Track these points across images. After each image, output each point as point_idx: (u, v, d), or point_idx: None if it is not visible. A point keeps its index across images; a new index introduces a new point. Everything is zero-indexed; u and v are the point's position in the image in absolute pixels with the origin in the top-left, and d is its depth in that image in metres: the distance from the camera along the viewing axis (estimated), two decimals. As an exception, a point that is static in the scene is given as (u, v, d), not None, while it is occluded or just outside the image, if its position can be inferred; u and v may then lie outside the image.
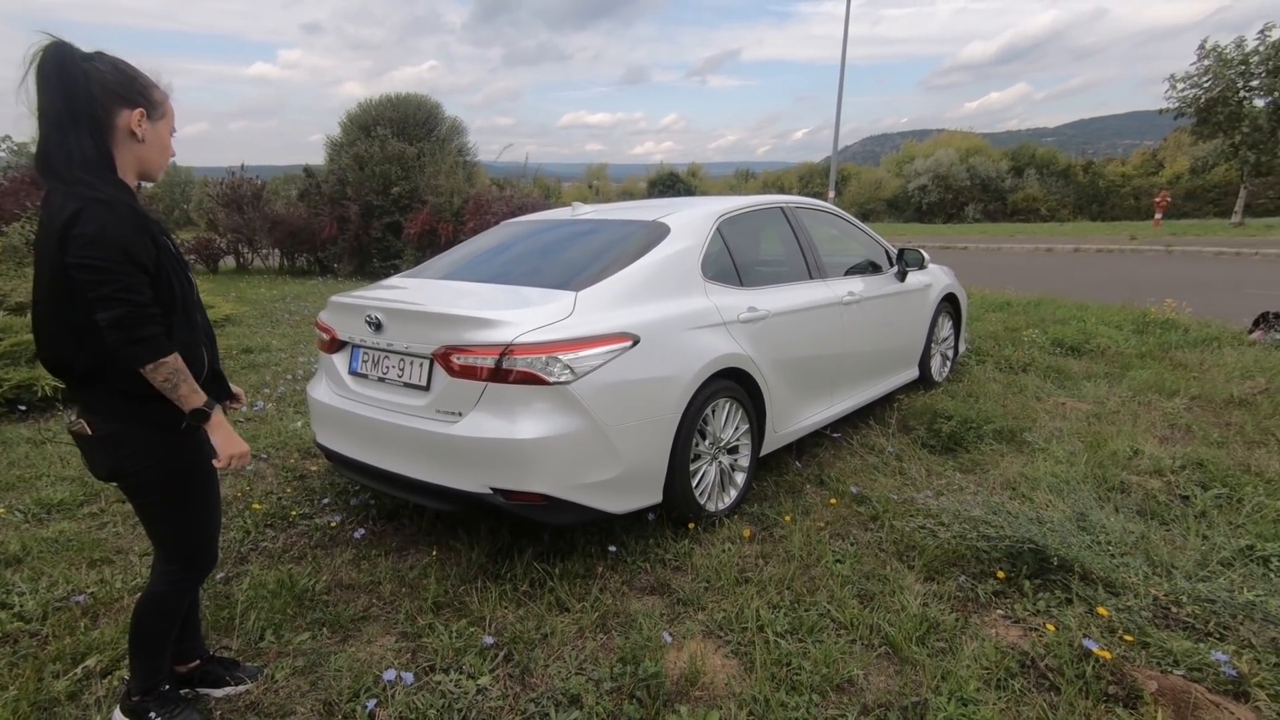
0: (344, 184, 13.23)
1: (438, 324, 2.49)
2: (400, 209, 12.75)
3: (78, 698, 1.86)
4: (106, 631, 2.12)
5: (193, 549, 1.70)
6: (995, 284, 9.79)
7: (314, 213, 13.55)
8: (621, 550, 2.68)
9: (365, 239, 13.01)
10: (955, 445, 3.73)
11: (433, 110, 17.37)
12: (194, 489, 1.66)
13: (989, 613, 2.32)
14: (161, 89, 1.58)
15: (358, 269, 13.13)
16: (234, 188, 13.82)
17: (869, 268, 4.27)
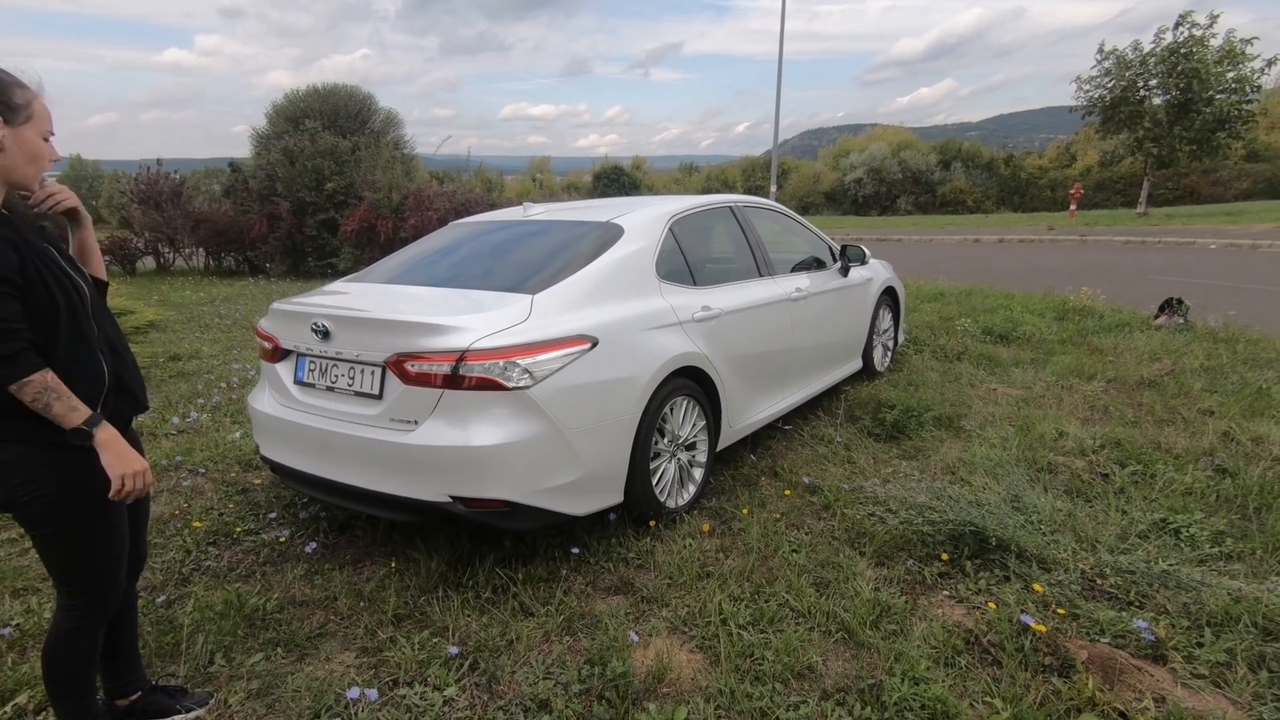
0: (273, 180, 12.63)
1: (389, 330, 2.44)
2: (335, 205, 12.28)
3: (11, 742, 1.75)
4: (36, 665, 1.98)
5: (97, 580, 1.57)
6: (929, 274, 10.23)
7: (241, 210, 12.89)
8: (584, 551, 2.69)
9: (299, 237, 12.47)
10: (899, 433, 3.90)
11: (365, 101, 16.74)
12: (95, 515, 1.52)
13: (935, 594, 2.45)
14: (26, 88, 1.42)
15: (291, 268, 12.58)
16: (151, 183, 12.99)
17: (814, 264, 4.40)
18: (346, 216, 11.85)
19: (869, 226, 26.44)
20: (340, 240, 11.83)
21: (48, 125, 1.46)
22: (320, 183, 12.27)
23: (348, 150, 12.59)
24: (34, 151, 1.45)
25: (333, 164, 12.32)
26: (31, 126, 1.43)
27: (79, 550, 1.53)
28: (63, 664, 1.59)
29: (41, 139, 1.46)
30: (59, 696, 1.62)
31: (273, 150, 13.21)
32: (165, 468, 3.57)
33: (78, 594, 1.57)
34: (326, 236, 12.27)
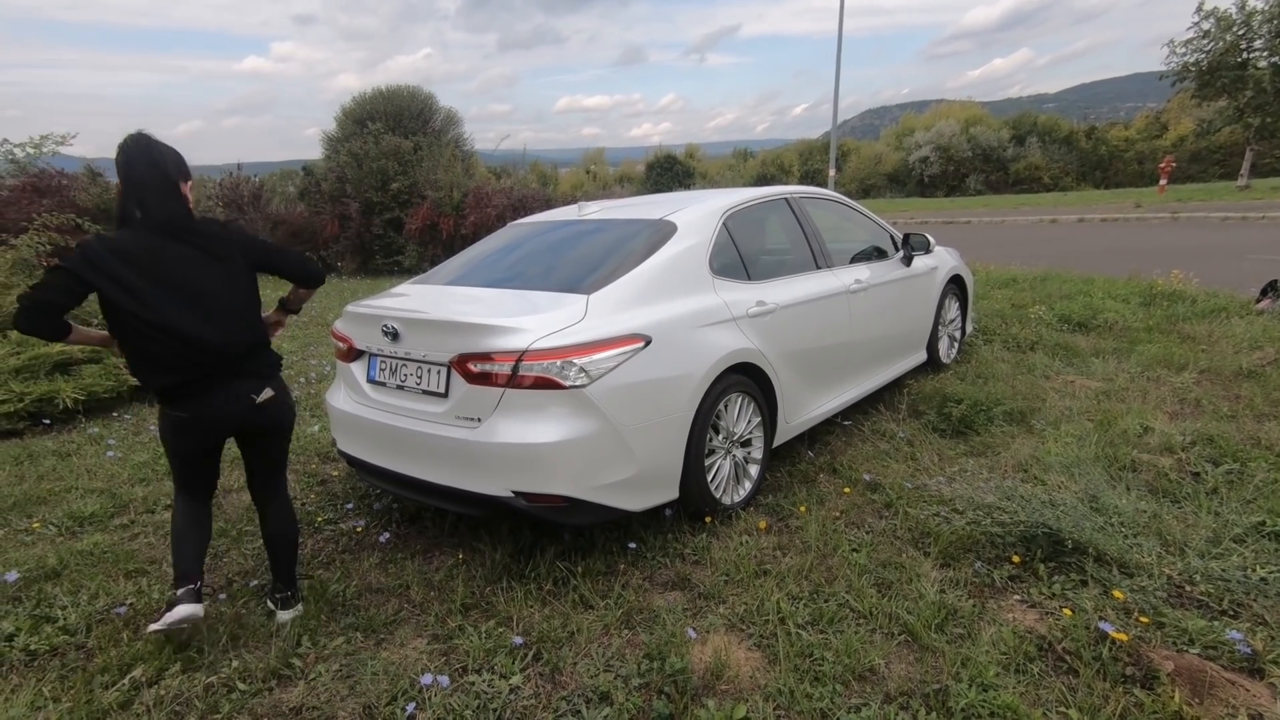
0: (343, 181, 13.20)
1: (453, 332, 2.53)
2: (400, 205, 12.73)
3: (128, 707, 1.93)
4: (149, 643, 2.18)
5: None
6: (1000, 259, 9.76)
7: (315, 211, 13.55)
8: (641, 546, 2.73)
9: (367, 236, 13.01)
10: (966, 428, 3.76)
11: (426, 101, 17.27)
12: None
13: (1005, 598, 2.36)
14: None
15: (360, 266, 13.15)
16: (233, 188, 13.80)
17: (874, 254, 4.28)
18: (410, 215, 12.28)
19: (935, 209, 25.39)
20: (405, 238, 12.28)
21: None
22: (386, 183, 12.75)
23: (410, 150, 13.01)
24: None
25: (396, 164, 12.77)
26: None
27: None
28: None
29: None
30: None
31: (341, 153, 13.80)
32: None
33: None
34: (392, 235, 12.75)
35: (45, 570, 2.63)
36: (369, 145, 12.97)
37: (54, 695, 1.96)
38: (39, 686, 1.99)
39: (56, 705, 1.91)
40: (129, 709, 1.92)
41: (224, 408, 2.11)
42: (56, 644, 2.19)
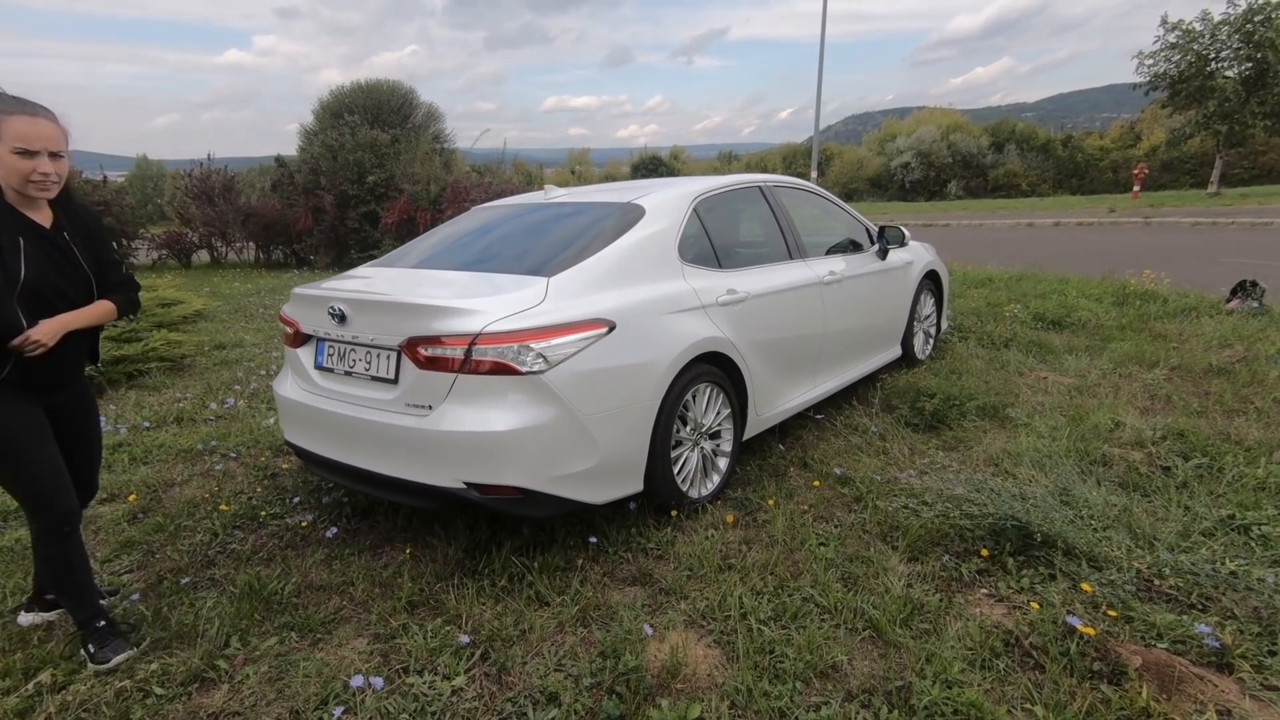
0: (317, 174, 12.94)
1: (403, 314, 2.40)
2: (376, 198, 12.51)
3: (28, 715, 1.78)
4: (61, 644, 2.03)
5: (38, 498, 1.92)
6: (977, 260, 9.80)
7: (288, 204, 13.27)
8: (603, 541, 2.62)
9: (342, 229, 12.76)
10: (938, 423, 3.71)
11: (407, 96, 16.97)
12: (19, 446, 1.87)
13: (973, 592, 2.30)
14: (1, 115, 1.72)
15: (335, 260, 12.89)
16: (204, 180, 13.47)
17: (850, 246, 4.22)
18: (387, 209, 12.06)
19: (915, 212, 25.61)
20: (381, 232, 12.05)
21: (18, 144, 1.74)
22: (361, 176, 12.51)
23: (387, 143, 12.79)
24: (7, 165, 1.75)
25: (373, 157, 12.54)
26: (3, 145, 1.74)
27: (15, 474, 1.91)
28: (47, 571, 2.00)
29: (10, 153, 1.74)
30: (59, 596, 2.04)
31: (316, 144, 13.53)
32: (200, 452, 3.66)
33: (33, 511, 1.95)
34: (368, 228, 12.52)
35: (-42, 567, 2.46)
36: (345, 137, 12.73)
37: (-52, 701, 1.80)
38: (-66, 692, 1.83)
39: (-50, 712, 1.76)
40: (28, 716, 1.77)
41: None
42: (-39, 645, 2.03)
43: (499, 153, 14.71)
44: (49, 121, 1.80)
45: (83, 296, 1.94)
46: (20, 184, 1.78)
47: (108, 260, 2.04)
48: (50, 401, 1.98)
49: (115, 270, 2.06)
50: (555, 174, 40.12)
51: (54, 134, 1.80)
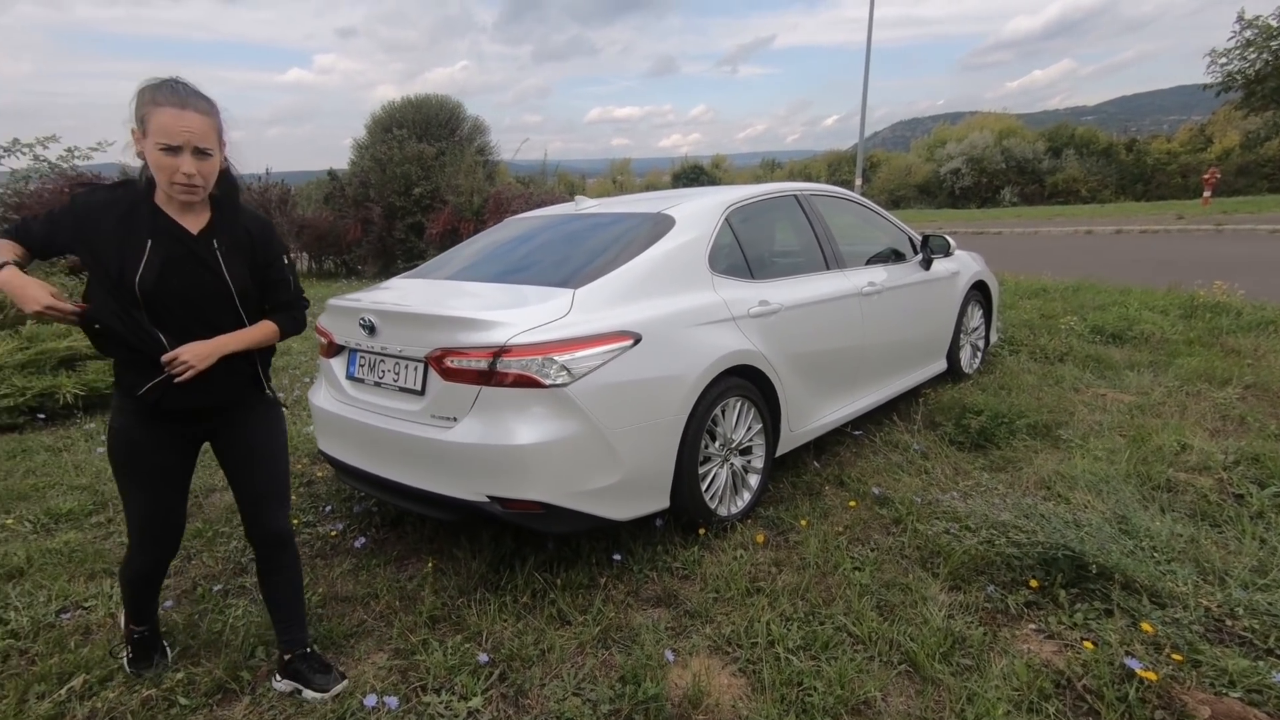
0: (367, 186, 13.34)
1: (430, 326, 2.41)
2: (422, 209, 12.81)
3: (58, 720, 1.82)
4: (96, 649, 2.08)
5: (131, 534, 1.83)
6: (1031, 269, 9.40)
7: (339, 215, 13.71)
8: (628, 559, 2.56)
9: (389, 240, 13.11)
10: (985, 442, 3.53)
11: (454, 110, 17.43)
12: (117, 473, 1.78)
13: (1020, 626, 2.15)
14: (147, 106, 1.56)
15: (382, 269, 13.23)
16: (262, 193, 14.05)
17: (891, 256, 4.07)
18: (432, 220, 12.34)
19: (966, 220, 24.85)
20: (426, 242, 12.33)
21: (161, 139, 1.54)
22: (408, 188, 12.84)
23: (433, 156, 13.10)
24: (154, 161, 1.58)
25: (419, 169, 12.86)
26: (148, 141, 1.57)
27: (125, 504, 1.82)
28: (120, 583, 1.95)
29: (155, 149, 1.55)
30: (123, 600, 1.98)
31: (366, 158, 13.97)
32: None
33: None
34: (414, 239, 12.82)
35: (9, 569, 2.55)
36: (393, 151, 13.10)
37: (-15, 703, 1.86)
38: (-27, 692, 1.89)
39: (-15, 714, 1.81)
40: (57, 723, 1.81)
41: None
42: (3, 647, 2.10)
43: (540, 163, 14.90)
44: (199, 114, 1.56)
45: (217, 311, 1.69)
46: (166, 184, 1.59)
47: (274, 278, 1.80)
48: (192, 431, 1.77)
49: (283, 289, 1.83)
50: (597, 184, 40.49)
51: (203, 129, 1.56)
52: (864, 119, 20.28)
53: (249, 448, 1.85)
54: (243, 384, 1.77)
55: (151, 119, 1.54)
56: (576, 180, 37.64)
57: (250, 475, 1.86)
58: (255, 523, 1.89)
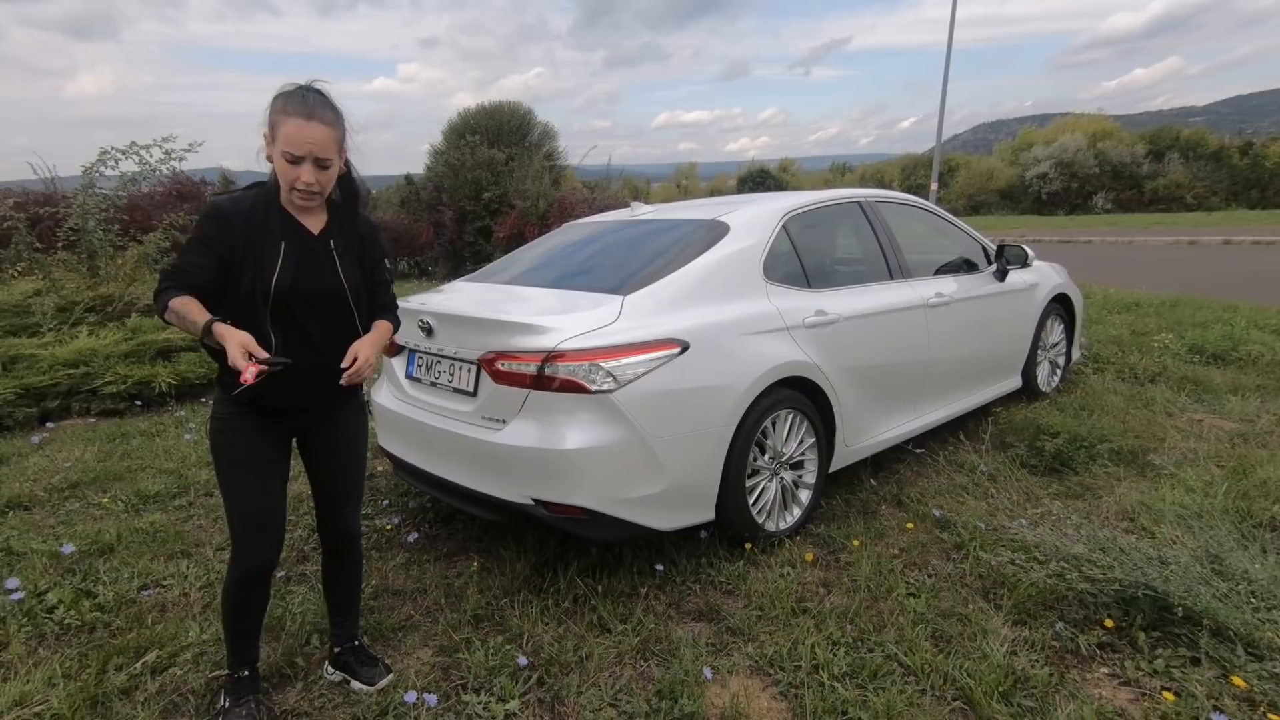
0: (440, 190, 13.85)
1: (483, 329, 2.46)
2: (491, 213, 13.18)
3: (130, 694, 1.94)
4: (170, 626, 2.22)
5: (232, 533, 1.77)
6: (1123, 281, 8.77)
7: (413, 219, 14.28)
8: (670, 569, 2.53)
9: (459, 243, 13.55)
10: (1061, 466, 3.30)
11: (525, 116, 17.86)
12: (224, 471, 1.75)
13: (1091, 669, 1.99)
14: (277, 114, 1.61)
15: (452, 272, 13.70)
16: (344, 197, 14.82)
17: (963, 266, 3.88)
18: (499, 224, 12.67)
19: (1051, 227, 23.49)
20: (493, 246, 12.67)
21: (288, 147, 1.60)
22: (478, 192, 13.25)
23: (502, 162, 13.47)
24: (280, 167, 1.63)
25: (489, 174, 13.25)
26: (275, 147, 1.62)
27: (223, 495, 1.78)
28: (221, 604, 1.83)
29: (280, 157, 1.62)
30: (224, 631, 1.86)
31: (440, 163, 14.51)
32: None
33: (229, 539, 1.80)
34: (482, 242, 13.20)
35: (101, 545, 2.76)
36: (465, 156, 13.55)
37: (68, 673, 2.00)
38: (60, 662, 2.04)
39: (68, 683, 1.95)
40: (130, 696, 1.93)
41: None
42: (89, 620, 2.26)
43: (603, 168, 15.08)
44: (323, 126, 1.61)
45: (337, 310, 1.75)
46: (287, 189, 1.67)
47: (380, 279, 1.86)
48: (288, 424, 1.80)
49: (386, 290, 1.89)
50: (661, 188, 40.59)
51: (325, 140, 1.61)
52: (941, 121, 19.48)
53: (335, 447, 1.88)
54: (335, 383, 1.76)
55: (280, 127, 1.60)
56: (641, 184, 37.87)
57: (332, 473, 1.89)
58: (331, 521, 1.93)
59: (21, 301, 5.57)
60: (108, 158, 6.58)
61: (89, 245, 6.45)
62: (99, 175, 6.85)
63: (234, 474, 1.74)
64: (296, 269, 1.67)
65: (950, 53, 18.53)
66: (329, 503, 1.92)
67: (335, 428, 1.87)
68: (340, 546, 1.97)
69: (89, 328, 5.27)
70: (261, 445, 1.74)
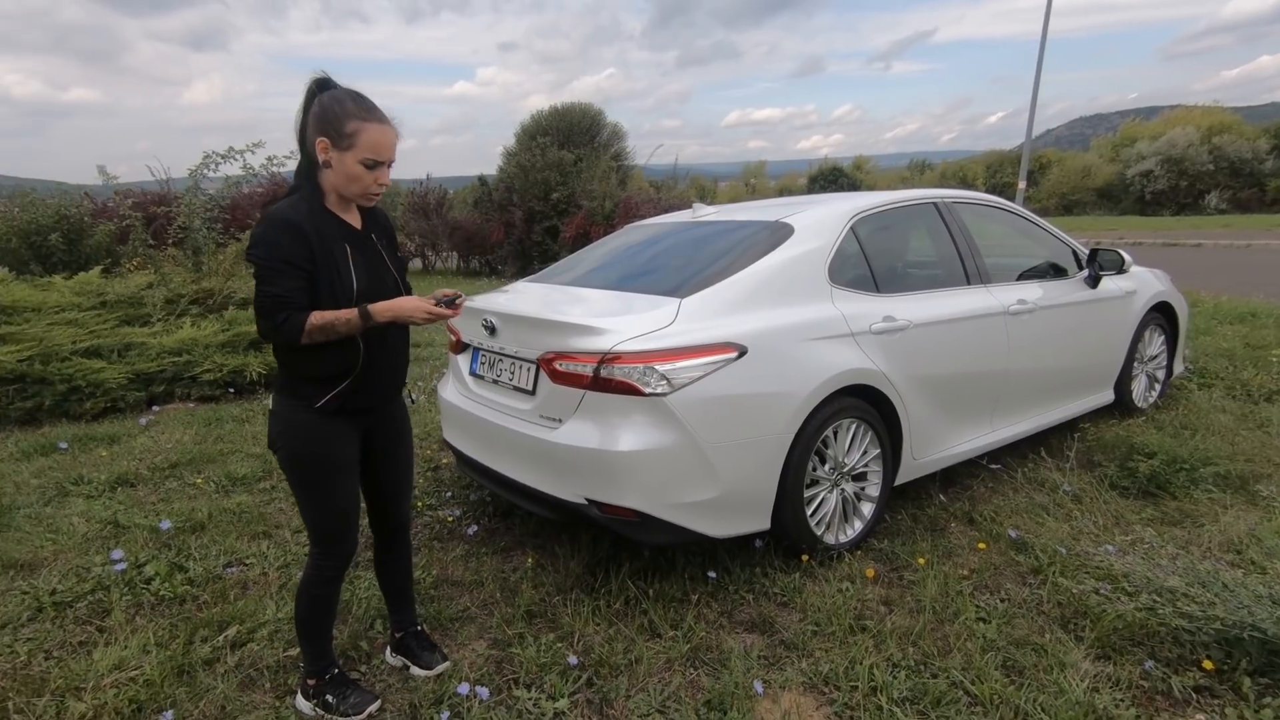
0: (511, 191, 14.21)
1: (543, 329, 2.49)
2: (558, 213, 13.42)
3: (212, 665, 2.08)
4: (250, 603, 2.36)
5: (322, 535, 1.79)
6: (1238, 289, 8.01)
7: (486, 218, 14.72)
8: (723, 577, 2.49)
9: (528, 242, 13.87)
10: (1157, 489, 3.04)
11: (595, 118, 18.12)
12: (319, 477, 1.74)
13: (1185, 713, 1.82)
14: (356, 121, 1.62)
15: (520, 270, 14.03)
16: (422, 197, 15.43)
17: (1049, 272, 3.64)
18: (566, 224, 12.89)
19: (1155, 228, 21.76)
20: (560, 245, 12.89)
21: (368, 155, 1.64)
22: (547, 193, 13.52)
23: (571, 162, 13.68)
24: (351, 173, 1.65)
25: (558, 175, 13.49)
26: (352, 154, 1.63)
27: (309, 504, 1.77)
28: (303, 608, 1.83)
29: (357, 163, 1.64)
30: (302, 638, 1.87)
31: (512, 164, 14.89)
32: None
33: (314, 543, 1.81)
34: (549, 242, 13.46)
35: (193, 523, 2.98)
36: (535, 157, 13.85)
37: (160, 641, 2.16)
38: (154, 631, 2.21)
39: (160, 651, 2.11)
40: (212, 667, 2.07)
41: None
42: (180, 593, 2.44)
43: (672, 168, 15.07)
44: (394, 129, 1.68)
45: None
46: (358, 193, 1.69)
47: (402, 264, 1.90)
48: (361, 423, 1.82)
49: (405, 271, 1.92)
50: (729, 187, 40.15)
51: (395, 142, 1.69)
52: (1033, 115, 18.35)
53: (396, 441, 1.94)
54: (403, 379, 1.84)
55: (362, 134, 1.61)
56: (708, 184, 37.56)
57: (389, 468, 1.93)
58: (387, 514, 1.98)
59: (135, 294, 6.09)
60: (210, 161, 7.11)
61: (194, 242, 6.99)
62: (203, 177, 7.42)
63: (331, 477, 1.75)
64: (367, 271, 1.72)
65: (1045, 42, 17.43)
66: (389, 496, 1.97)
67: (394, 422, 1.93)
68: (394, 538, 2.03)
69: (192, 319, 5.70)
70: (348, 447, 1.78)
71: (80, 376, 4.60)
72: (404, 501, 2.02)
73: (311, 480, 1.75)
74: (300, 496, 1.78)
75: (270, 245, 1.60)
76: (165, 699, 1.93)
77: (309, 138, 1.66)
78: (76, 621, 2.30)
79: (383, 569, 2.08)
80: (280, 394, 1.75)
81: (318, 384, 1.70)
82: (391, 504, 1.98)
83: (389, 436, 1.93)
